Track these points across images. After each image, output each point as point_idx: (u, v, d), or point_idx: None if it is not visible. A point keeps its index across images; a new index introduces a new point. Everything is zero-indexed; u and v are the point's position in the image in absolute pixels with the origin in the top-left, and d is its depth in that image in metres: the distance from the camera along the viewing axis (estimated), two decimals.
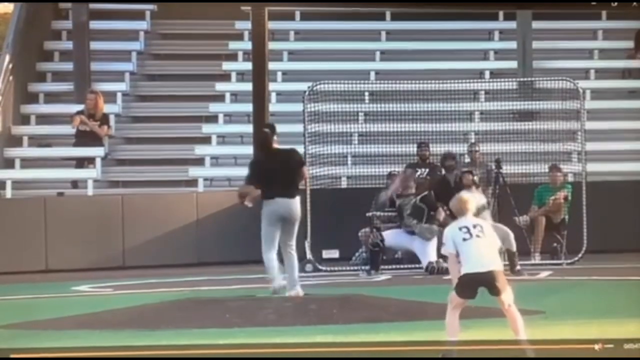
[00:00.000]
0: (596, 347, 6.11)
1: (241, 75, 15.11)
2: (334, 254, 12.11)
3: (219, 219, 12.54)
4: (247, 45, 14.68)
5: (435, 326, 7.46)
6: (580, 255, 11.99)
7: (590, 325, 7.36)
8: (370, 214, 11.30)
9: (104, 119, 14.12)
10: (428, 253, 10.82)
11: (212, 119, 14.92)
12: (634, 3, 10.75)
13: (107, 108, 14.69)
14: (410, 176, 10.77)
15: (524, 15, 14.90)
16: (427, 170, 12.41)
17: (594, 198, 12.14)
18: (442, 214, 10.61)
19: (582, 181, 12.19)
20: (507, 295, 6.37)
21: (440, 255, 10.66)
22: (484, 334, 7.01)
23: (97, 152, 14.06)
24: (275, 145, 8.84)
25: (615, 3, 10.42)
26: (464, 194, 6.55)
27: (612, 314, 7.94)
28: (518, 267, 10.96)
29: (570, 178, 12.63)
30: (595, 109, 14.34)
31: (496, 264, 6.41)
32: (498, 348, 6.27)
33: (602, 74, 15.38)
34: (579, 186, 12.19)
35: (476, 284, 6.35)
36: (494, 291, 6.36)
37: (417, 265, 11.31)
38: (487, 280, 6.34)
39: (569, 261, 11.95)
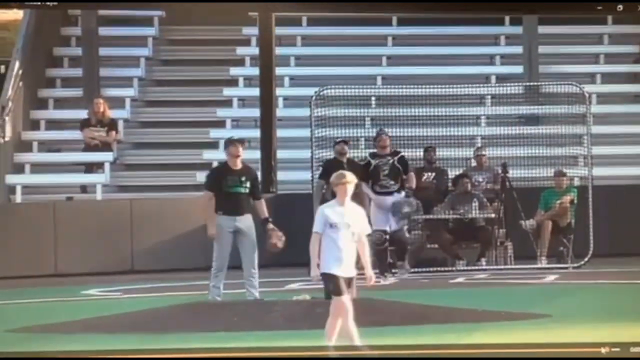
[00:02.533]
0: (603, 350, 6.14)
1: (248, 81, 15.18)
2: None
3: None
4: (254, 50, 14.75)
5: (442, 330, 7.50)
6: (586, 259, 12.00)
7: (596, 328, 7.37)
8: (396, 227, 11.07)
9: (112, 125, 14.21)
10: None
11: (220, 123, 14.99)
12: None
13: (115, 113, 14.78)
14: (387, 137, 10.70)
15: (530, 20, 14.94)
16: (434, 174, 12.45)
17: (600, 202, 12.16)
18: (414, 180, 10.58)
19: (588, 185, 12.21)
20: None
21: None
22: (490, 338, 7.04)
23: (105, 157, 14.14)
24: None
25: (621, 7, 10.46)
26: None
27: (618, 317, 7.96)
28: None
29: (576, 182, 12.65)
30: (601, 113, 14.36)
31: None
32: (504, 351, 6.30)
33: (608, 78, 15.39)
34: (585, 190, 12.21)
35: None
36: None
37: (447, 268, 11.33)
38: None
39: (575, 265, 11.96)
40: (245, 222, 8.72)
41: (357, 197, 10.50)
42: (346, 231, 6.29)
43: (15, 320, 8.63)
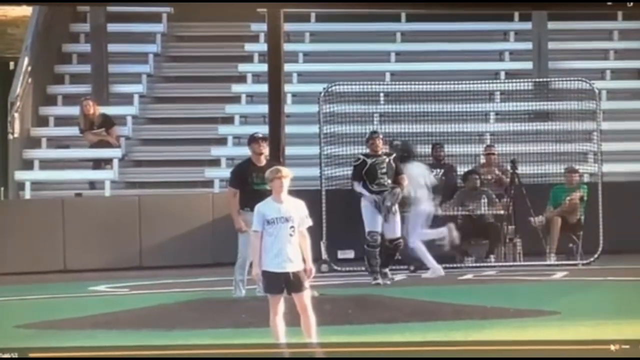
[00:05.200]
0: (612, 347, 6.11)
1: (257, 77, 15.16)
2: (349, 254, 12.14)
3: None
4: (262, 47, 14.72)
5: (450, 327, 7.47)
6: (596, 255, 11.95)
7: (606, 325, 7.34)
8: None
9: (108, 122, 14.14)
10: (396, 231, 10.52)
11: (228, 120, 14.97)
12: None
13: (124, 110, 14.79)
14: (381, 139, 10.63)
15: (540, 16, 14.87)
16: (443, 170, 12.42)
17: (610, 198, 12.10)
18: (405, 180, 10.54)
19: (598, 181, 12.15)
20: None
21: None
22: (498, 335, 7.02)
23: (114, 153, 14.15)
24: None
25: (631, 3, 10.39)
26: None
27: (628, 314, 7.91)
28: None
29: (586, 178, 12.59)
30: (611, 110, 14.28)
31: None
32: (513, 349, 6.27)
33: (618, 74, 15.31)
34: (594, 186, 12.15)
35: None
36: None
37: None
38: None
39: (584, 262, 11.92)
40: None
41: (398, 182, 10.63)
42: (284, 226, 6.26)
43: (23, 316, 8.64)
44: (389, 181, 10.23)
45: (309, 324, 6.29)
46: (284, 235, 6.27)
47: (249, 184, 8.94)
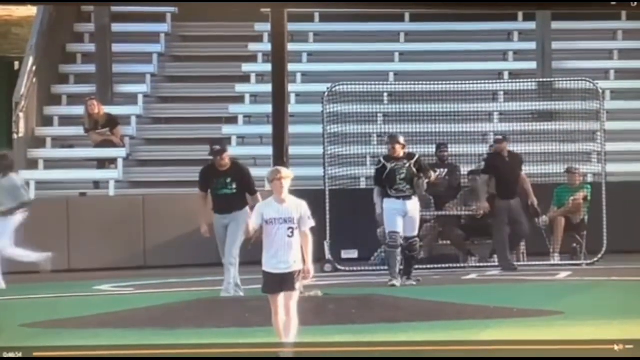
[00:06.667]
0: (616, 347, 6.10)
1: (261, 77, 15.16)
2: (353, 254, 12.14)
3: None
4: (266, 46, 14.72)
5: (454, 326, 7.47)
6: (599, 255, 11.94)
7: (610, 325, 7.33)
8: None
9: (112, 122, 14.17)
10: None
11: (232, 120, 14.98)
12: None
13: (128, 109, 14.81)
14: (401, 143, 10.46)
15: (544, 16, 14.85)
16: (446, 170, 12.42)
17: (614, 198, 12.09)
18: (433, 175, 10.48)
19: (602, 181, 12.14)
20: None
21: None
22: (502, 335, 7.02)
23: (118, 153, 14.18)
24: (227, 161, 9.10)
25: (635, 3, 10.39)
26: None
27: (632, 314, 7.90)
28: None
29: (589, 178, 12.58)
30: (615, 109, 14.26)
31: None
32: (516, 348, 6.27)
33: (622, 74, 15.29)
34: (598, 186, 12.14)
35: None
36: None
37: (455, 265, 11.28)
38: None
39: (588, 262, 11.91)
40: (235, 217, 9.03)
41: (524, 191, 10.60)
42: (281, 227, 6.27)
43: (28, 315, 8.66)
44: (408, 187, 10.10)
45: (288, 325, 6.31)
46: (282, 236, 6.28)
47: (212, 189, 9.16)
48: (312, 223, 6.40)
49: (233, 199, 9.05)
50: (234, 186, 9.06)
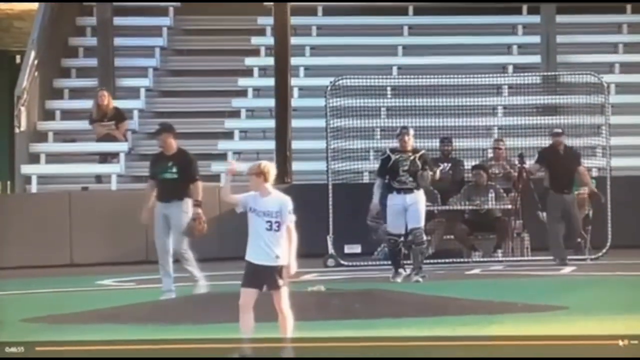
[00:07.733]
0: (621, 343, 6.07)
1: (264, 71, 15.12)
2: (356, 248, 12.11)
3: (241, 213, 12.55)
4: (269, 40, 14.68)
5: (457, 321, 7.44)
6: (604, 250, 11.89)
7: (614, 321, 7.31)
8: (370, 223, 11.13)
9: (119, 116, 14.14)
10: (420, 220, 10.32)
11: (235, 113, 14.95)
12: None
13: (130, 103, 14.77)
14: (410, 136, 10.37)
15: (548, 9, 14.79)
16: (450, 165, 12.37)
17: (619, 193, 12.04)
18: (438, 173, 10.39)
19: (607, 176, 12.09)
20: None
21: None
22: (506, 330, 6.98)
23: (120, 147, 14.15)
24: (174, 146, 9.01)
25: None
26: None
27: (637, 309, 7.88)
28: None
29: (594, 173, 12.52)
30: (619, 103, 14.20)
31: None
32: (521, 343, 6.24)
33: (626, 68, 15.22)
34: (603, 181, 12.08)
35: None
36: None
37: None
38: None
39: (593, 257, 11.86)
40: (176, 208, 8.94)
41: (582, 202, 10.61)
42: (259, 219, 6.25)
43: (30, 310, 8.64)
44: (411, 179, 9.99)
45: (284, 322, 6.30)
46: (259, 228, 6.27)
47: (156, 173, 9.08)
48: (292, 219, 6.35)
49: (174, 185, 8.89)
50: (175, 170, 8.93)
